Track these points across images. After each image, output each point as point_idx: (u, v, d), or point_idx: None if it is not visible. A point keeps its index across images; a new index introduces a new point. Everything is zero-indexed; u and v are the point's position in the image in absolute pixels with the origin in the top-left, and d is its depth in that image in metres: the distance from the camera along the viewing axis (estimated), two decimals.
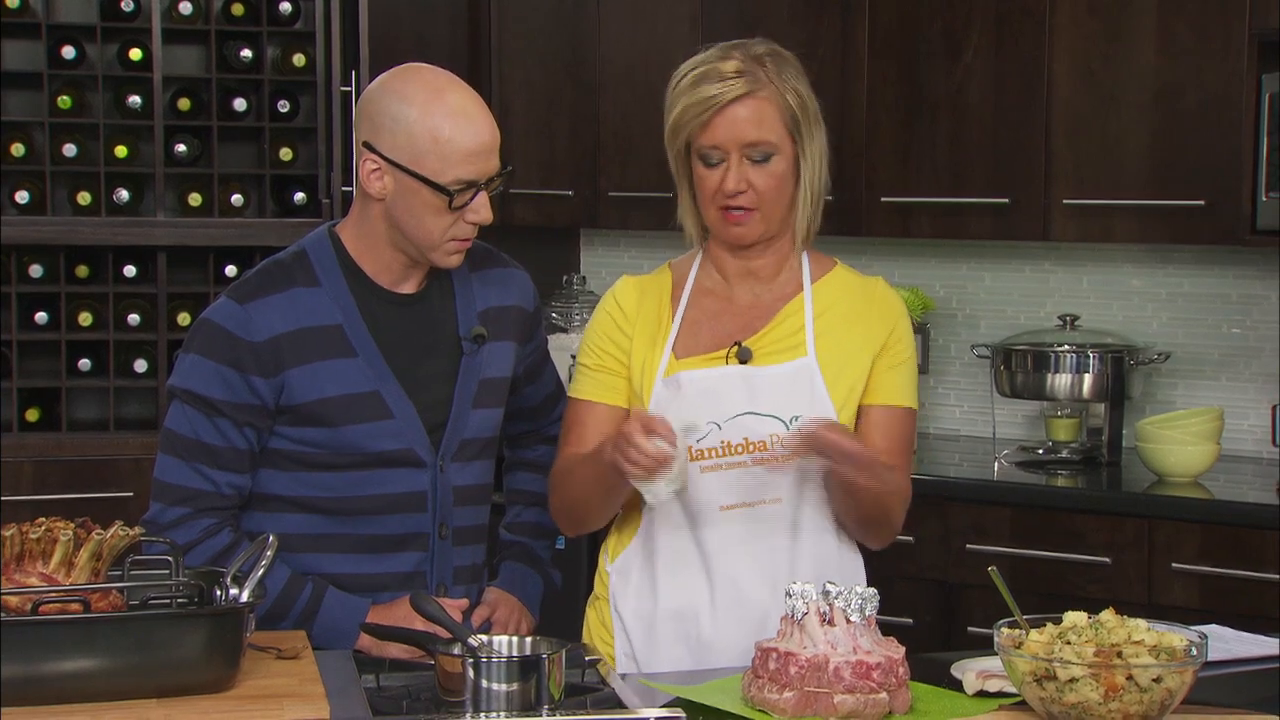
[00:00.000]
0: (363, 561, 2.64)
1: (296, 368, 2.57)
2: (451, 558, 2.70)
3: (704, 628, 2.67)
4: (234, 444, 2.59)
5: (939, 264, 4.77)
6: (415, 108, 2.53)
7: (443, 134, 2.52)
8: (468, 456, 2.70)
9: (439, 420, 2.66)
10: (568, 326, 4.97)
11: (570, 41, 4.85)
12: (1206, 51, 4.01)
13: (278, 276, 2.62)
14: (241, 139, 4.69)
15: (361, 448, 2.60)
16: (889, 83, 4.38)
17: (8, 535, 2.21)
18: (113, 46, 4.57)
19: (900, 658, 2.27)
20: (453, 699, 2.21)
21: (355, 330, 2.61)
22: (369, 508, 2.63)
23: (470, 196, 2.55)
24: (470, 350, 2.68)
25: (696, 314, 2.73)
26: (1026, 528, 3.98)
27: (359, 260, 2.64)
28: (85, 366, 4.57)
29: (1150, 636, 2.16)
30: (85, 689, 2.12)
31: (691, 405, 2.63)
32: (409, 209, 2.56)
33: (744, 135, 2.61)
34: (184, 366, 2.61)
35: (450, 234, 2.57)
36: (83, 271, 4.57)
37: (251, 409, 2.58)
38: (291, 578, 2.60)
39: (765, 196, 2.64)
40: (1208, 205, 4.02)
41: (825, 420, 2.55)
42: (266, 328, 2.57)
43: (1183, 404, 4.41)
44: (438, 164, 2.52)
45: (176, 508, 2.60)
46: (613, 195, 4.80)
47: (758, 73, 2.62)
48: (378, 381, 2.61)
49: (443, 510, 2.67)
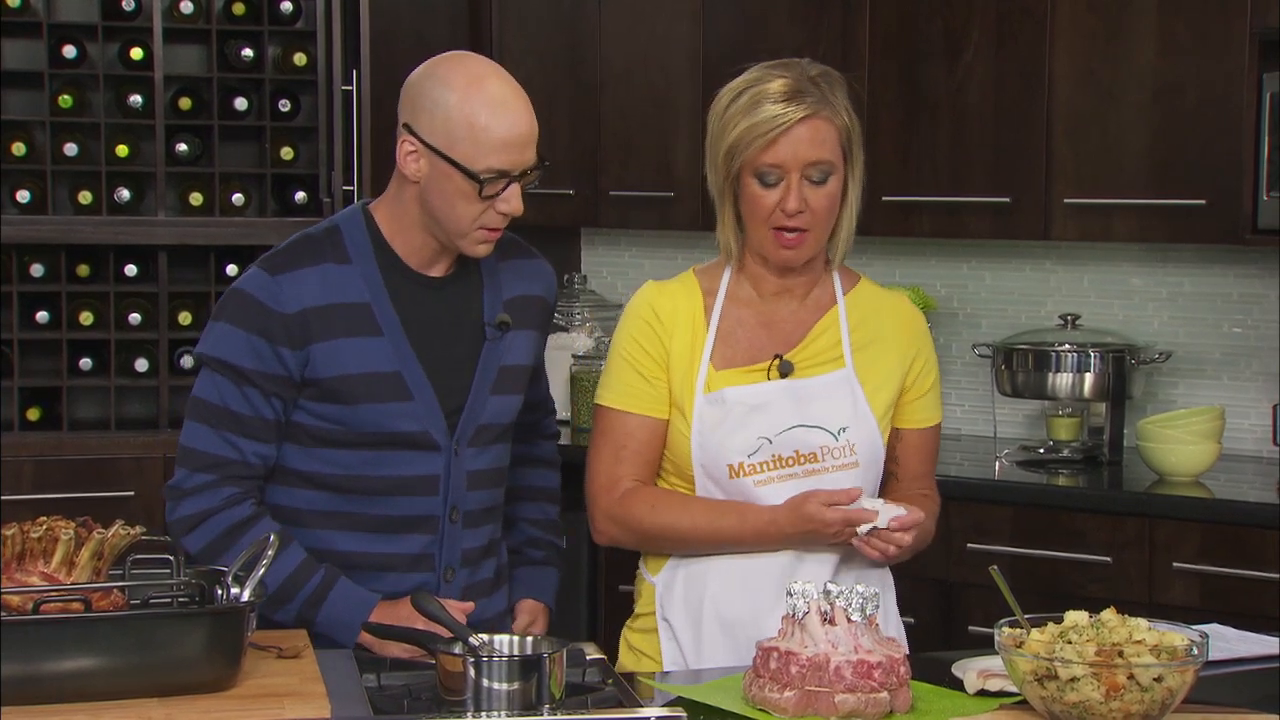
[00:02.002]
0: (372, 540, 2.65)
1: (322, 342, 2.58)
2: (460, 540, 2.70)
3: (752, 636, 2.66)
4: (261, 414, 2.60)
5: (940, 263, 4.77)
6: (455, 93, 2.53)
7: (479, 121, 2.52)
8: (484, 442, 2.71)
9: (457, 405, 2.66)
10: (568, 326, 4.97)
11: (571, 40, 4.85)
12: (1207, 50, 4.01)
13: (310, 250, 2.63)
14: (242, 138, 4.69)
15: (378, 427, 2.61)
16: (889, 82, 4.38)
17: (9, 534, 2.21)
18: (114, 46, 4.58)
19: (901, 657, 2.27)
20: (454, 698, 2.21)
21: (382, 310, 2.62)
22: (381, 488, 2.64)
23: (502, 187, 2.55)
24: (493, 337, 2.69)
25: (731, 325, 2.74)
26: (1027, 527, 3.98)
27: (391, 241, 2.65)
28: (86, 366, 4.57)
29: (1151, 636, 2.16)
30: (86, 688, 2.12)
31: (740, 422, 2.66)
32: (441, 193, 2.57)
33: (807, 155, 2.62)
34: (214, 334, 2.62)
35: (480, 222, 2.58)
36: (84, 271, 4.57)
37: (279, 380, 2.59)
38: (303, 562, 2.60)
39: (819, 217, 2.65)
40: (1208, 204, 4.02)
41: (898, 518, 2.61)
42: (296, 300, 2.57)
43: (1184, 403, 4.41)
44: (471, 150, 2.53)
45: (201, 474, 2.60)
46: (613, 194, 4.80)
47: (816, 93, 2.63)
48: (400, 362, 2.62)
49: (454, 494, 2.68)
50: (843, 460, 2.68)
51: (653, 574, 2.77)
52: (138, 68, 4.54)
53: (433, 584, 2.68)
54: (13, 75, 4.51)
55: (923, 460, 2.84)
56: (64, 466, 4.44)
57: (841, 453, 2.68)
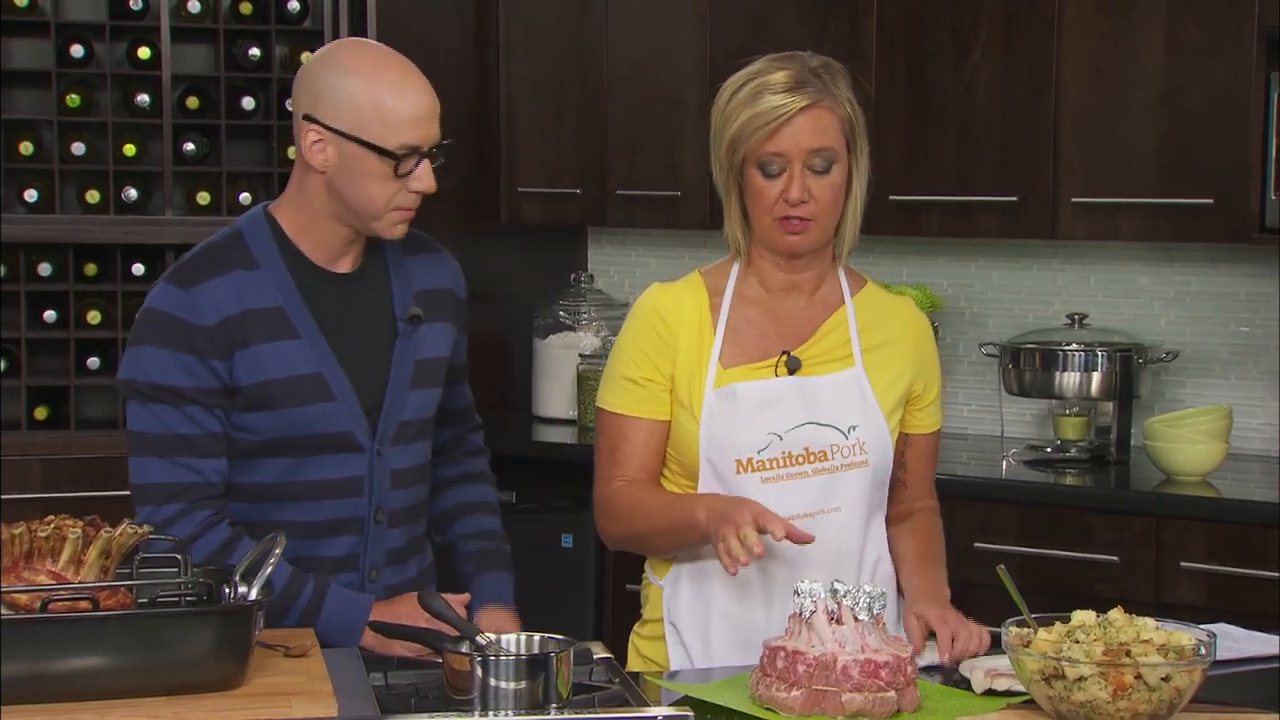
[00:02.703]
0: (297, 547, 2.59)
1: (243, 349, 2.57)
2: (385, 540, 2.69)
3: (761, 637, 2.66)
4: (208, 429, 2.57)
5: (947, 263, 4.76)
6: (358, 77, 2.54)
7: (385, 101, 2.53)
8: (406, 439, 2.69)
9: (375, 402, 2.65)
10: (575, 325, 4.97)
11: (578, 40, 4.85)
12: (1215, 50, 4.00)
13: (217, 259, 2.61)
14: (250, 137, 4.70)
15: (305, 430, 2.59)
16: (897, 82, 4.38)
17: (17, 533, 2.21)
18: (121, 45, 4.58)
19: (908, 656, 2.27)
20: (461, 697, 2.21)
21: (296, 311, 2.60)
22: (304, 493, 2.62)
23: (414, 164, 2.56)
24: (405, 331, 2.68)
25: (739, 323, 2.73)
26: (1034, 526, 3.98)
27: (295, 239, 2.63)
28: (94, 365, 4.57)
29: (1159, 635, 2.16)
30: (93, 687, 2.12)
31: (750, 417, 2.66)
32: (352, 178, 2.56)
33: (809, 143, 2.62)
34: (139, 359, 2.57)
35: (394, 203, 2.58)
36: (91, 270, 4.58)
37: (216, 392, 2.56)
38: (293, 575, 2.58)
39: (824, 207, 2.65)
40: (1216, 204, 4.02)
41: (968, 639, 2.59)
42: (215, 310, 2.55)
43: (1191, 402, 4.40)
44: (381, 130, 2.53)
45: (168, 505, 2.57)
46: (620, 193, 4.80)
47: (817, 84, 2.63)
48: (320, 363, 2.60)
49: (378, 494, 2.66)
50: (852, 459, 2.68)
51: (659, 577, 2.77)
52: (145, 67, 4.55)
53: (357, 585, 2.66)
54: (21, 74, 4.52)
55: (928, 465, 2.86)
56: (71, 465, 4.44)
57: (851, 451, 2.68)
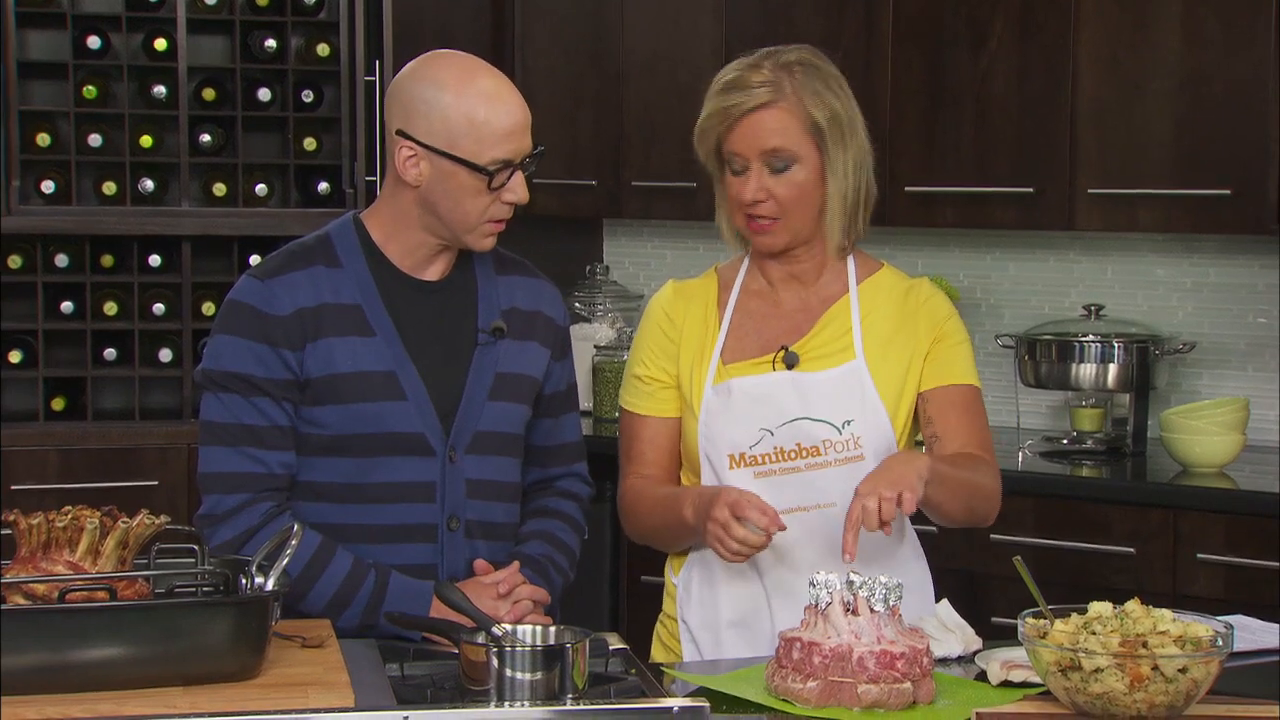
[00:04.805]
0: (372, 551, 2.61)
1: (315, 341, 2.58)
2: (463, 551, 2.65)
3: (766, 634, 2.66)
4: (276, 421, 2.59)
5: (963, 254, 4.76)
6: (449, 92, 2.54)
7: (478, 116, 2.53)
8: (484, 450, 2.67)
9: (450, 408, 2.64)
10: (591, 316, 4.98)
11: (594, 31, 4.85)
12: (1232, 40, 3.99)
13: (299, 255, 2.63)
14: (266, 129, 4.70)
15: (372, 427, 2.59)
16: (913, 72, 4.38)
17: (34, 523, 2.22)
18: (138, 36, 4.59)
19: (924, 647, 2.26)
20: (477, 688, 2.21)
21: (374, 311, 2.61)
22: (376, 495, 2.62)
23: (507, 176, 2.56)
24: (485, 341, 2.67)
25: (743, 318, 2.73)
26: (1051, 518, 3.98)
27: (383, 246, 2.64)
28: (111, 356, 4.58)
29: (1176, 627, 2.16)
30: (111, 677, 2.13)
31: (743, 412, 2.65)
32: (446, 192, 2.57)
33: (763, 143, 2.61)
34: (215, 348, 2.61)
35: (488, 215, 2.58)
36: (108, 261, 4.59)
37: (286, 384, 2.58)
38: (354, 565, 2.58)
39: (786, 206, 2.64)
40: (1233, 194, 4.01)
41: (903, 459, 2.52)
42: (289, 301, 2.57)
43: (1208, 394, 4.40)
44: (475, 145, 2.54)
45: (234, 495, 2.57)
46: (636, 185, 4.80)
47: (783, 82, 2.61)
48: (394, 362, 2.60)
49: (452, 502, 2.64)
50: (846, 454, 2.65)
51: (675, 574, 2.78)
52: (161, 59, 4.55)
53: None
54: (38, 66, 4.53)
55: (960, 417, 2.69)
56: (88, 456, 4.45)
57: (845, 446, 2.65)
